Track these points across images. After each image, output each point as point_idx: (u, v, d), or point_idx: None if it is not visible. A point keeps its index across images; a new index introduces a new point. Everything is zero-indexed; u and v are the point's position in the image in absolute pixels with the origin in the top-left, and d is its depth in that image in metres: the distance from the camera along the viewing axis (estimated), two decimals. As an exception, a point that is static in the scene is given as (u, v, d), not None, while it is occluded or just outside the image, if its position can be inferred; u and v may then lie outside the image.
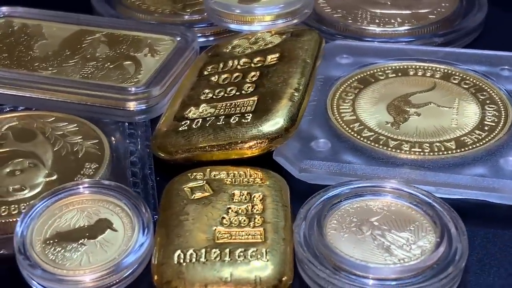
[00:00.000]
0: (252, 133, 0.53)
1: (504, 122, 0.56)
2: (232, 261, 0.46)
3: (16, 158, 0.55)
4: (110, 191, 0.50)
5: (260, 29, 0.65)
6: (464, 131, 0.55)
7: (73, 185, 0.50)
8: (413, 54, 0.63)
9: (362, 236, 0.48)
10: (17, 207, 0.51)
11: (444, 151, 0.54)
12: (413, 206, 0.49)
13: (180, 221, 0.49)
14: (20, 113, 0.60)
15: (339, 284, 0.45)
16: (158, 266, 0.47)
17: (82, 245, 0.48)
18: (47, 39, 0.66)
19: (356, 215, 0.49)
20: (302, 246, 0.47)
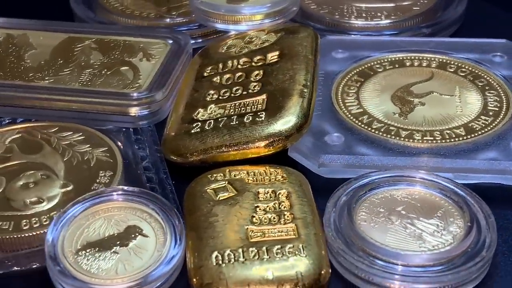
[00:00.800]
0: (269, 131, 0.53)
1: (506, 107, 0.58)
2: (271, 259, 0.46)
3: (26, 170, 0.54)
4: (135, 197, 0.50)
5: (247, 29, 0.66)
6: (470, 118, 0.57)
7: (105, 192, 0.49)
8: (405, 45, 0.64)
9: (392, 225, 0.49)
10: (38, 220, 0.50)
11: (455, 138, 0.55)
12: (436, 193, 0.50)
13: (210, 223, 0.49)
14: (21, 125, 0.59)
15: (378, 274, 0.46)
16: (196, 269, 0.46)
17: (115, 253, 0.47)
18: (36, 48, 0.65)
19: (382, 206, 0.50)
20: (335, 238, 0.48)
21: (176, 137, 0.55)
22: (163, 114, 0.59)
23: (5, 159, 0.55)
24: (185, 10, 0.71)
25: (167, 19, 0.70)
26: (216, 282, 0.45)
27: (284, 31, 0.63)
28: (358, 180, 0.51)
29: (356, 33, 0.68)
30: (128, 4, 0.72)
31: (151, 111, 0.58)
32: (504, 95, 0.59)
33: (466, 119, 0.57)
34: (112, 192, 0.50)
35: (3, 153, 0.56)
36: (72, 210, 0.49)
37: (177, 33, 0.66)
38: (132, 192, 0.50)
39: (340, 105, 0.58)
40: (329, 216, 0.49)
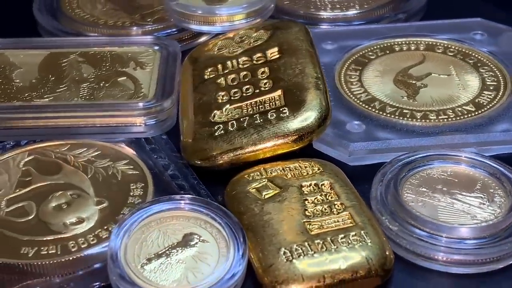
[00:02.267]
0: (296, 126, 0.54)
1: (503, 80, 0.61)
2: (338, 249, 0.47)
3: (53, 192, 0.53)
4: (198, 206, 0.49)
5: (222, 30, 0.66)
6: (474, 94, 0.59)
7: (173, 200, 0.49)
8: (388, 32, 0.66)
9: (439, 202, 0.50)
10: (84, 240, 0.49)
11: (467, 114, 0.57)
12: (470, 167, 0.53)
13: (266, 221, 0.49)
14: (29, 147, 0.57)
15: (437, 249, 0.47)
16: (266, 268, 0.47)
17: (180, 262, 0.47)
18: (21, 67, 0.63)
19: (423, 185, 0.51)
20: (390, 221, 0.49)
21: (199, 142, 0.55)
22: (173, 121, 0.58)
23: (26, 183, 0.54)
24: (160, 16, 0.70)
25: (144, 26, 0.69)
26: (291, 278, 0.46)
27: (273, 27, 0.64)
28: (393, 164, 0.52)
29: (335, 24, 0.69)
30: (98, 14, 0.71)
31: (161, 119, 0.58)
32: (497, 70, 0.62)
33: (470, 96, 0.59)
34: (179, 201, 0.49)
35: (22, 177, 0.54)
36: (130, 221, 0.48)
37: (161, 39, 0.65)
38: (198, 202, 0.49)
39: (348, 94, 0.60)
40: (375, 202, 0.50)
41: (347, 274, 0.46)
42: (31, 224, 0.50)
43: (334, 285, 0.46)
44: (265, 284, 0.47)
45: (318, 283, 0.46)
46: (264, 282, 0.47)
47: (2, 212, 0.51)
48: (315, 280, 0.46)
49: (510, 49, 0.64)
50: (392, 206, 0.50)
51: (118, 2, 0.72)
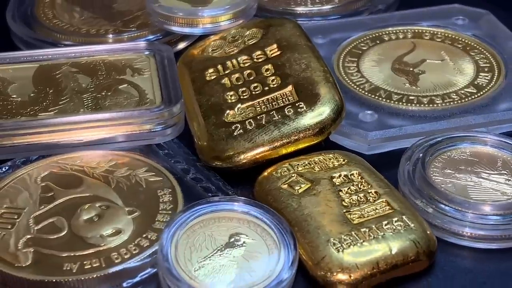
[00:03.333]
0: (316, 120, 0.55)
1: (496, 62, 0.63)
2: (386, 235, 0.48)
3: (81, 205, 0.52)
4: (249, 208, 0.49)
5: (203, 31, 0.66)
6: (471, 76, 0.62)
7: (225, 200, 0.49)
8: (373, 23, 0.68)
9: (467, 182, 0.52)
10: (127, 250, 0.49)
11: (470, 96, 0.59)
12: (488, 147, 0.55)
13: (307, 215, 0.50)
14: (40, 162, 0.56)
15: (473, 226, 0.49)
16: (318, 261, 0.47)
17: (232, 262, 0.47)
18: (14, 82, 0.61)
19: (447, 167, 0.53)
20: (424, 204, 0.50)
21: (218, 143, 0.55)
22: (182, 125, 0.58)
23: (49, 198, 0.52)
24: (142, 21, 0.69)
25: (128, 33, 0.68)
26: (346, 268, 0.46)
27: (265, 25, 0.64)
28: (414, 150, 0.54)
29: (318, 19, 0.70)
30: (78, 23, 0.70)
31: (172, 124, 0.57)
32: (486, 52, 0.64)
33: (468, 78, 0.61)
34: (232, 202, 0.49)
35: (43, 193, 0.53)
36: (175, 227, 0.47)
37: (154, 44, 0.65)
38: (250, 204, 0.50)
39: (352, 85, 0.61)
40: (403, 187, 0.51)
41: (398, 258, 0.47)
42: (66, 239, 0.49)
43: (387, 271, 0.47)
44: (317, 276, 0.47)
45: (372, 270, 0.46)
46: (316, 274, 0.47)
47: (32, 230, 0.50)
48: (369, 267, 0.46)
49: (492, 31, 0.66)
50: (424, 190, 0.51)
51: (96, 10, 0.71)
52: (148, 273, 0.48)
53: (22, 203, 0.52)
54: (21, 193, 0.53)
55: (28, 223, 0.50)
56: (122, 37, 0.68)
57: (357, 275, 0.46)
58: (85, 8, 0.72)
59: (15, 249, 0.48)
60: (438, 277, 0.48)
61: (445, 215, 0.50)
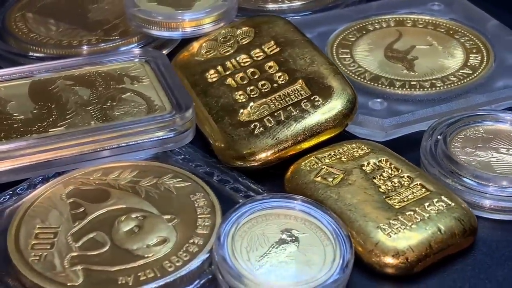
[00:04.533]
0: (334, 111, 0.56)
1: (482, 44, 0.65)
2: (431, 216, 0.49)
3: (116, 217, 0.51)
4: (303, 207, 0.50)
5: (181, 35, 0.66)
6: (463, 58, 0.64)
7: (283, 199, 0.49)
8: (354, 14, 0.70)
9: (489, 158, 0.54)
10: (178, 258, 0.48)
11: (467, 78, 0.61)
12: (499, 123, 0.57)
13: (350, 205, 0.50)
14: (60, 179, 0.54)
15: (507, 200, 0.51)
16: (372, 248, 0.48)
17: (290, 258, 0.47)
18: (11, 100, 0.59)
19: (466, 146, 0.55)
20: (456, 183, 0.52)
21: (239, 143, 0.55)
22: (194, 129, 0.58)
23: (81, 214, 0.51)
24: (123, 29, 0.69)
25: (112, 42, 0.67)
26: (401, 252, 0.48)
27: (256, 24, 0.64)
28: (431, 133, 0.56)
29: (292, 15, 0.71)
30: (57, 35, 0.68)
31: (186, 129, 0.57)
32: (471, 35, 0.66)
33: (460, 60, 0.63)
34: (292, 201, 0.49)
35: (73, 210, 0.52)
36: (227, 229, 0.47)
37: (146, 51, 0.64)
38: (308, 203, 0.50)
39: (352, 75, 0.62)
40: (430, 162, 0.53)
41: (448, 237, 0.48)
42: (111, 253, 0.48)
43: (439, 251, 0.48)
44: (373, 263, 0.48)
45: (426, 251, 0.48)
46: (372, 261, 0.48)
47: (74, 247, 0.49)
48: (423, 249, 0.48)
49: (467, 14, 0.69)
50: (454, 169, 0.52)
51: (71, 21, 0.70)
52: (205, 278, 0.47)
53: (55, 221, 0.50)
54: (50, 211, 0.51)
55: (67, 241, 0.49)
56: (107, 46, 0.66)
57: (413, 258, 0.47)
58: (59, 20, 0.70)
59: (63, 269, 0.47)
60: (482, 251, 0.50)
61: (478, 192, 0.51)
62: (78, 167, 0.55)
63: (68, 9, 0.72)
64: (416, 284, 0.48)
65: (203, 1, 0.67)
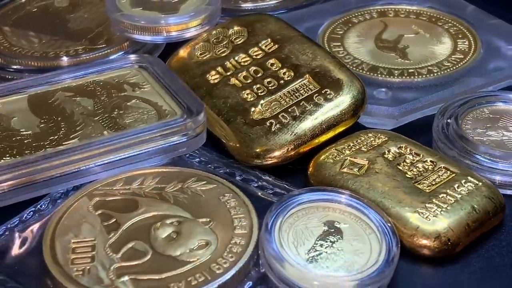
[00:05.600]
0: (348, 103, 0.57)
1: (466, 29, 0.68)
2: (463, 196, 0.51)
3: (150, 225, 0.50)
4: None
5: (163, 40, 0.66)
6: (451, 44, 0.66)
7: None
8: (335, 9, 0.71)
9: (501, 137, 0.56)
10: (224, 259, 0.48)
11: (460, 62, 0.63)
12: (502, 103, 0.59)
13: (383, 192, 0.51)
14: (82, 193, 0.53)
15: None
16: (412, 232, 0.49)
17: (338, 249, 0.48)
18: (13, 116, 0.58)
19: (475, 127, 0.57)
20: (474, 163, 0.54)
21: (257, 141, 0.55)
22: (205, 131, 0.58)
23: (114, 225, 0.51)
24: (108, 37, 0.68)
25: (100, 51, 0.66)
26: (443, 233, 0.49)
27: (246, 23, 0.65)
28: (440, 118, 0.57)
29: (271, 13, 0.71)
30: (41, 48, 0.67)
31: (199, 132, 0.57)
32: (453, 21, 0.68)
33: (449, 46, 0.65)
34: (339, 195, 0.49)
35: (104, 221, 0.51)
36: (273, 225, 0.48)
37: (141, 57, 0.64)
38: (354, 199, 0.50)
39: (350, 67, 0.63)
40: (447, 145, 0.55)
41: (483, 215, 0.50)
42: (155, 261, 0.48)
43: (476, 229, 0.50)
44: (416, 246, 0.49)
45: (465, 230, 0.49)
46: (413, 245, 0.49)
47: (115, 259, 0.48)
48: (462, 229, 0.49)
49: (443, 1, 0.71)
50: (469, 150, 0.54)
51: (53, 32, 0.69)
52: (256, 276, 0.47)
53: (88, 234, 0.49)
54: (81, 225, 0.50)
55: (107, 253, 0.48)
56: (96, 54, 0.66)
57: (454, 238, 0.49)
58: (40, 32, 0.69)
59: (111, 281, 0.46)
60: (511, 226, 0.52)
61: (499, 170, 0.53)
62: (97, 178, 0.54)
63: (45, 20, 0.70)
64: (458, 264, 0.49)
65: (187, 5, 0.66)
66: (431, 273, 0.49)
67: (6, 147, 0.54)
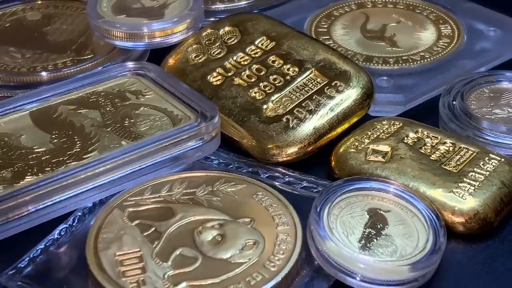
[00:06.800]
0: (360, 93, 0.58)
1: (444, 13, 0.70)
2: (490, 174, 0.52)
3: (191, 231, 0.50)
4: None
5: (145, 46, 0.66)
6: (435, 30, 0.68)
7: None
8: (311, 4, 0.72)
9: (507, 114, 0.58)
10: (275, 256, 0.48)
11: (449, 46, 0.66)
12: (499, 82, 0.61)
13: (414, 177, 0.53)
14: (111, 205, 0.52)
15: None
16: (453, 212, 0.51)
17: (387, 235, 0.49)
18: (21, 134, 0.56)
19: (481, 107, 0.59)
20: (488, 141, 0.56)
21: (277, 138, 0.55)
22: (219, 132, 0.58)
23: (155, 234, 0.50)
24: (93, 47, 0.67)
25: (90, 61, 0.65)
26: (481, 210, 0.51)
27: (237, 22, 0.65)
28: (445, 101, 0.59)
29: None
30: (27, 63, 0.65)
31: (215, 135, 0.57)
32: (430, 8, 0.71)
33: (434, 32, 0.67)
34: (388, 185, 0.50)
35: (144, 231, 0.50)
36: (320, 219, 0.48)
37: (134, 65, 0.63)
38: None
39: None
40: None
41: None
42: (208, 265, 0.48)
43: (508, 203, 0.51)
44: (457, 224, 0.50)
45: (500, 205, 0.51)
46: (454, 225, 0.50)
47: (167, 268, 0.47)
48: (497, 203, 0.51)
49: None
50: (482, 128, 0.56)
51: (34, 46, 0.67)
52: (310, 270, 0.48)
53: (132, 246, 0.49)
54: (121, 237, 0.49)
55: (156, 263, 0.47)
56: (86, 65, 0.64)
57: (491, 214, 0.50)
58: (20, 47, 0.67)
59: (170, 291, 0.46)
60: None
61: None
62: (122, 189, 0.53)
63: (22, 34, 0.68)
64: (497, 238, 0.51)
65: (170, 10, 0.66)
66: (473, 250, 0.50)
67: (24, 166, 0.52)
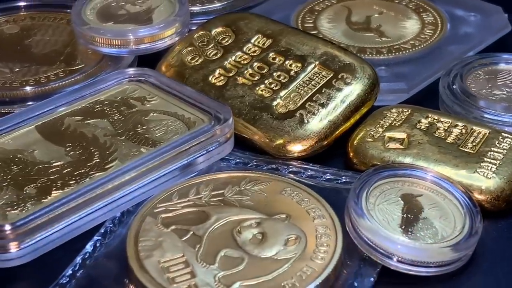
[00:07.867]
0: (366, 84, 0.59)
1: (423, 3, 0.72)
2: (507, 153, 0.54)
3: (229, 232, 0.50)
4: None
5: (129, 52, 0.66)
6: (418, 18, 0.70)
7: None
8: (289, 1, 0.73)
9: (506, 94, 0.60)
10: (322, 249, 0.49)
11: (438, 33, 0.67)
12: (492, 65, 0.63)
13: (436, 160, 0.54)
14: (143, 214, 0.51)
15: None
16: (481, 191, 0.52)
17: (425, 219, 0.50)
18: (33, 149, 0.55)
19: (480, 89, 0.61)
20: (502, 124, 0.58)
21: (295, 133, 0.56)
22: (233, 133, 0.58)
23: (195, 238, 0.50)
24: (81, 56, 0.66)
25: (82, 71, 0.64)
26: (506, 187, 0.52)
27: (230, 22, 0.65)
28: (445, 86, 0.61)
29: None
30: (18, 76, 0.63)
31: (230, 136, 0.57)
32: (412, -3, 0.72)
33: (418, 21, 0.69)
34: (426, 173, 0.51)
35: (182, 236, 0.50)
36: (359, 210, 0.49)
37: (133, 71, 0.62)
38: None
39: (340, 51, 0.65)
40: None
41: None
42: (255, 264, 0.48)
43: (528, 179, 0.53)
44: (486, 202, 0.52)
45: (522, 181, 0.53)
46: (483, 204, 0.52)
47: (215, 270, 0.47)
48: (514, 181, 0.53)
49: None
50: (488, 110, 0.58)
51: (20, 60, 0.66)
52: (357, 259, 0.48)
53: (174, 252, 0.48)
54: (161, 244, 0.49)
55: (203, 266, 0.47)
56: (81, 76, 0.64)
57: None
58: (6, 61, 0.65)
59: (223, 292, 0.46)
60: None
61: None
62: (148, 196, 0.52)
63: (4, 48, 0.67)
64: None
65: (156, 15, 0.66)
66: (503, 226, 0.51)
67: (47, 181, 0.51)
